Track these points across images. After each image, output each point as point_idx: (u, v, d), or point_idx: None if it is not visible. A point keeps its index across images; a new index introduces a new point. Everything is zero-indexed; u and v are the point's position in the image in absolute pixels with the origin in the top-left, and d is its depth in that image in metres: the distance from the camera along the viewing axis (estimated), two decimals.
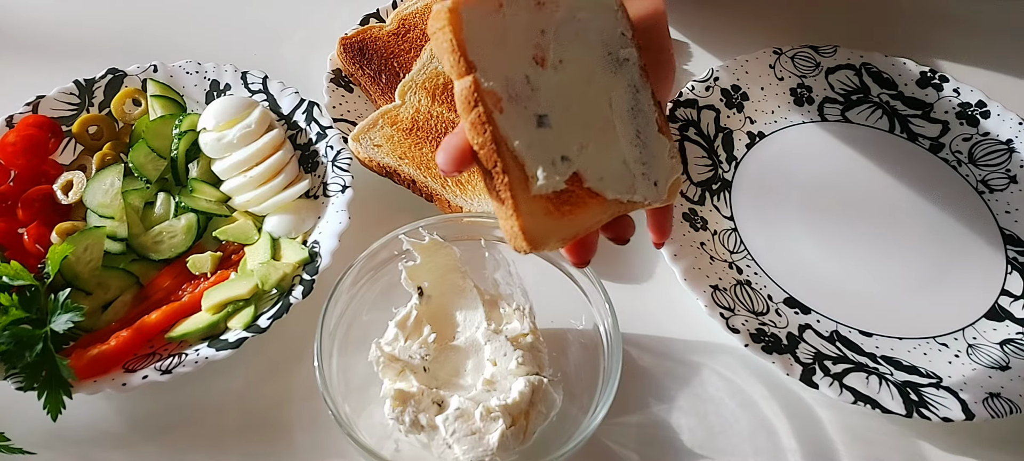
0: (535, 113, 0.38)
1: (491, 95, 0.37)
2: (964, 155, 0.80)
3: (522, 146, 0.37)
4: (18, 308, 0.56)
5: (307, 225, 0.67)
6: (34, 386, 0.54)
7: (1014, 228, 0.74)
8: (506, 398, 0.54)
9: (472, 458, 0.52)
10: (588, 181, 0.39)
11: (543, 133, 0.38)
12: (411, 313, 0.59)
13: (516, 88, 0.38)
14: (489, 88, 0.36)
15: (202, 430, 0.59)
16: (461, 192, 0.71)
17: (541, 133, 0.38)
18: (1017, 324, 0.66)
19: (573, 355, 0.60)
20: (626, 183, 0.40)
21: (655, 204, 0.42)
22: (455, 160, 0.39)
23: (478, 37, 0.37)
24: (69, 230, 0.64)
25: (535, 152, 0.38)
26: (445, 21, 0.36)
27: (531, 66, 0.38)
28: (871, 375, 0.60)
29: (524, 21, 0.38)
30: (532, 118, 0.38)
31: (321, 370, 0.52)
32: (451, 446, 0.52)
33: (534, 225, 0.37)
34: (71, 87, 0.74)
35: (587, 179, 0.39)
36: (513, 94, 0.37)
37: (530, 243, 0.37)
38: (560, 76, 0.39)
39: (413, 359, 0.56)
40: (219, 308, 0.61)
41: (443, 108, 0.76)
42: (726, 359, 0.65)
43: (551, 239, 0.38)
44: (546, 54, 0.39)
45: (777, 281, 0.69)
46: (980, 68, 0.91)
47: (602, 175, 0.40)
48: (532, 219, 0.36)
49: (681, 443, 0.60)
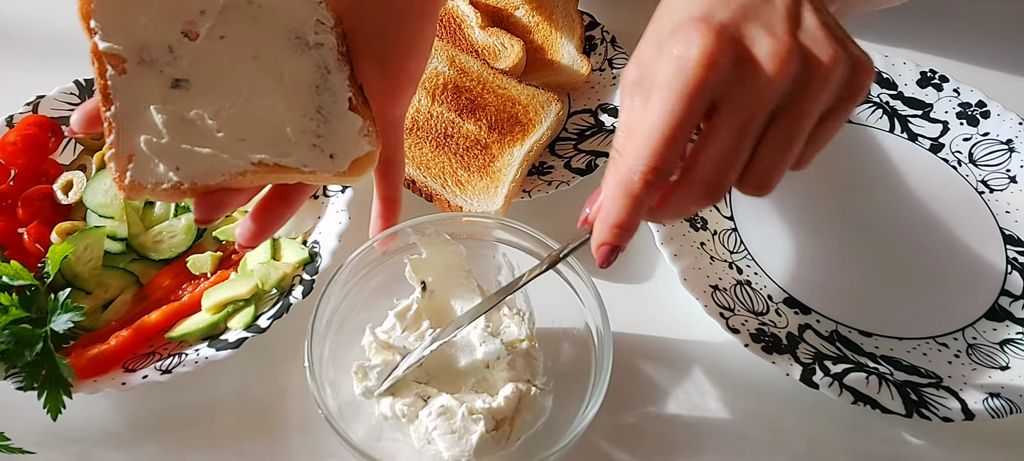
0: (173, 77, 0.43)
1: (114, 58, 0.42)
2: (964, 155, 0.80)
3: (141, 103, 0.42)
4: (18, 308, 0.56)
5: (307, 225, 0.67)
6: (34, 386, 0.54)
7: (1014, 228, 0.74)
8: (492, 401, 0.54)
9: (452, 456, 0.52)
10: (226, 139, 0.43)
11: (177, 94, 0.43)
12: (412, 306, 0.59)
13: (152, 54, 0.43)
14: (112, 51, 0.42)
15: (202, 430, 0.59)
16: (461, 192, 0.71)
17: (175, 93, 0.43)
18: (1017, 324, 0.66)
19: (564, 354, 0.60)
20: (280, 148, 0.44)
21: (328, 174, 0.45)
22: (84, 120, 0.44)
23: (109, 8, 0.43)
24: (69, 230, 0.64)
25: (166, 109, 0.43)
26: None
27: (177, 38, 0.44)
28: (871, 375, 0.60)
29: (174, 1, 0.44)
30: (167, 80, 0.43)
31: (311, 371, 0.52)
32: (432, 441, 0.53)
33: (140, 172, 0.41)
34: (71, 87, 0.74)
35: (226, 137, 0.43)
36: (147, 59, 0.43)
37: (130, 189, 0.41)
38: (215, 48, 0.44)
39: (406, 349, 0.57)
40: (219, 308, 0.61)
41: (443, 108, 0.76)
42: (725, 360, 0.65)
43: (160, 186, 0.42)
44: (199, 30, 0.44)
45: (777, 281, 0.69)
46: (980, 68, 0.91)
47: (244, 136, 0.43)
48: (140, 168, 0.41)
49: (678, 445, 0.60)
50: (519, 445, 0.54)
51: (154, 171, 0.41)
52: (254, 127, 0.44)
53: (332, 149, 0.45)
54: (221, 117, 0.43)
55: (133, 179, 0.41)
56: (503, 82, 0.78)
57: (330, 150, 0.45)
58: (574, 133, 0.79)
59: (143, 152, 0.41)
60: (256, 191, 0.47)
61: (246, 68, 0.45)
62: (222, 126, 0.43)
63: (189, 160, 0.42)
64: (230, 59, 0.45)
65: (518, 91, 0.77)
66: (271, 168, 0.43)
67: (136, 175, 0.41)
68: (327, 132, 0.45)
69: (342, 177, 0.45)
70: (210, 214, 0.44)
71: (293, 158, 0.44)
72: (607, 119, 0.79)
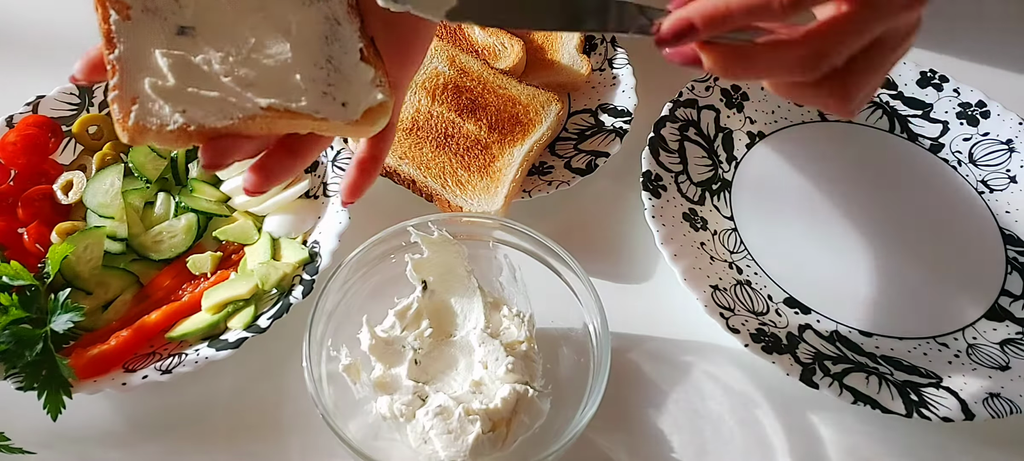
0: (178, 24, 0.43)
1: (118, 4, 0.42)
2: (964, 155, 0.80)
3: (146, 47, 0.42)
4: (18, 308, 0.56)
5: (307, 225, 0.67)
6: (34, 386, 0.54)
7: (1014, 228, 0.74)
8: (489, 403, 0.54)
9: (448, 456, 0.52)
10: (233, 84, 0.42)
11: (182, 40, 0.43)
12: (412, 305, 0.59)
13: (157, 2, 0.43)
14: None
15: (202, 430, 0.59)
16: (461, 192, 0.71)
17: (180, 40, 0.43)
18: (1017, 324, 0.66)
19: (562, 357, 0.60)
20: (289, 95, 0.43)
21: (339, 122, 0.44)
22: (87, 67, 0.43)
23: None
24: (69, 230, 0.64)
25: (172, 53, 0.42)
26: None
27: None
28: (871, 375, 0.60)
29: None
30: (173, 27, 0.43)
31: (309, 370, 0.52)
32: (429, 441, 0.53)
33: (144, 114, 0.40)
34: (71, 87, 0.74)
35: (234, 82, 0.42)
36: (151, 7, 0.43)
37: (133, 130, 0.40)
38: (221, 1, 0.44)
39: (404, 348, 0.57)
40: (219, 308, 0.61)
41: (443, 108, 0.76)
42: (725, 361, 0.65)
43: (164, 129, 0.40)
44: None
45: (777, 281, 0.69)
46: (980, 68, 0.91)
47: (252, 82, 0.43)
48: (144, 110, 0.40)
49: (678, 445, 0.60)
50: (516, 447, 0.54)
51: (159, 113, 0.40)
52: (262, 73, 0.43)
53: (344, 97, 0.44)
54: (228, 63, 0.43)
55: (137, 120, 0.40)
56: (503, 82, 0.78)
57: (342, 98, 0.44)
58: (574, 133, 0.79)
59: (147, 94, 0.40)
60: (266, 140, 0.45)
61: (253, 18, 0.45)
62: (229, 71, 0.43)
63: (195, 103, 0.41)
64: (236, 9, 0.44)
65: (518, 91, 0.78)
66: (281, 114, 0.42)
67: (140, 116, 0.40)
68: (338, 80, 0.45)
69: (355, 127, 0.44)
70: (217, 159, 0.42)
71: (303, 105, 0.43)
72: (607, 119, 0.79)
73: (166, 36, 0.42)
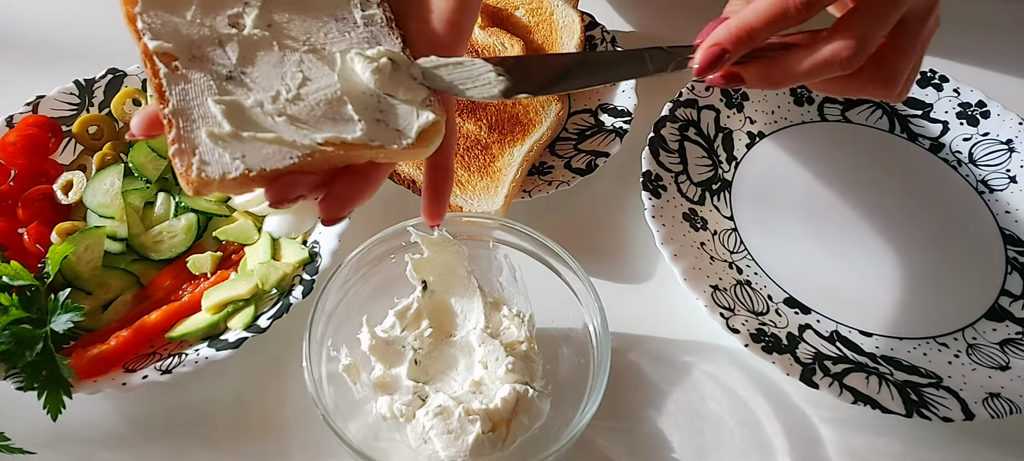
0: (226, 69, 0.43)
1: (165, 56, 0.42)
2: (964, 155, 0.80)
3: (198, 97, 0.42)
4: (18, 308, 0.56)
5: (307, 225, 0.67)
6: (34, 386, 0.54)
7: (1014, 228, 0.74)
8: (489, 403, 0.54)
9: (448, 456, 0.52)
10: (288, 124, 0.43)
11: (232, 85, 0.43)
12: (412, 305, 0.59)
13: (202, 49, 0.43)
14: (162, 49, 0.42)
15: (202, 430, 0.59)
16: (461, 192, 0.71)
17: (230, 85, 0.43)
18: (1017, 324, 0.66)
19: (562, 357, 0.60)
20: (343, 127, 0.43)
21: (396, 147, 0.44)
22: (145, 123, 0.43)
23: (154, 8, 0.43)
24: (69, 230, 0.64)
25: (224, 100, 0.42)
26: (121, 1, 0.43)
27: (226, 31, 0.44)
28: (871, 375, 0.60)
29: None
30: (221, 72, 0.43)
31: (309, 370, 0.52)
32: (429, 440, 0.53)
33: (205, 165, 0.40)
34: (71, 87, 0.74)
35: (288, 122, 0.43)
36: (197, 54, 0.43)
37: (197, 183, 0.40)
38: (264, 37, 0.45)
39: (404, 348, 0.57)
40: (219, 308, 0.61)
41: None
42: (725, 361, 0.65)
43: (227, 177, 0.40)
44: (245, 21, 0.45)
45: (777, 281, 0.69)
46: (980, 68, 0.91)
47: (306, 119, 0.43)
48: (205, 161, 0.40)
49: (677, 445, 0.60)
50: (516, 447, 0.54)
51: (219, 162, 0.40)
52: (314, 109, 0.43)
53: (397, 122, 0.44)
54: (280, 103, 0.43)
55: (199, 173, 0.39)
56: None
57: (395, 124, 0.44)
58: (574, 133, 0.79)
59: (206, 145, 0.40)
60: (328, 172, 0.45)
61: (298, 54, 0.45)
62: (281, 111, 0.43)
63: (253, 148, 0.41)
64: (280, 46, 0.45)
65: None
66: (338, 146, 0.42)
67: (202, 168, 0.40)
68: (388, 106, 0.45)
69: (411, 150, 0.44)
70: (282, 196, 0.42)
71: (359, 135, 0.43)
72: (607, 119, 0.79)
73: (216, 83, 0.43)
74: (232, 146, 0.41)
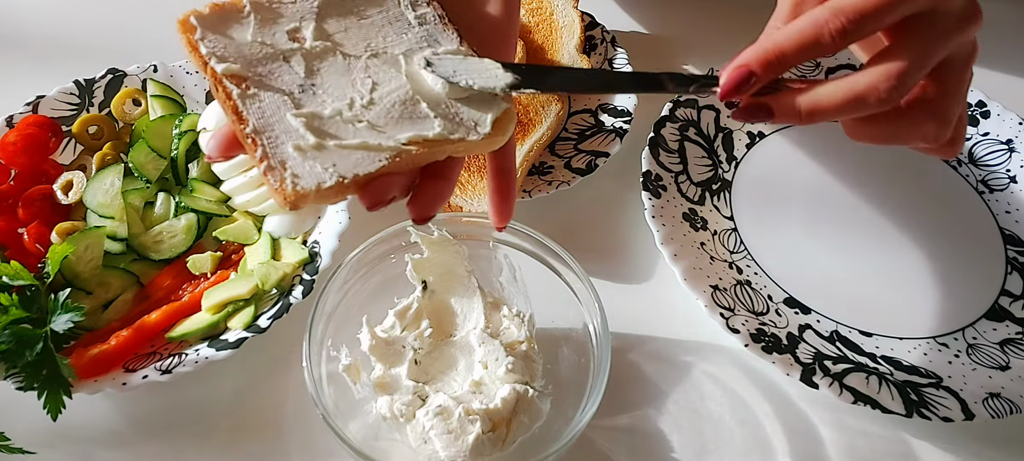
0: (296, 83, 0.43)
1: (234, 78, 0.42)
2: (964, 155, 0.80)
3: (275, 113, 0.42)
4: (18, 308, 0.56)
5: (307, 225, 0.67)
6: (34, 386, 0.54)
7: (1014, 228, 0.74)
8: (489, 403, 0.54)
9: (448, 456, 0.52)
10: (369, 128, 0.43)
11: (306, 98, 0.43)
12: (412, 305, 0.59)
13: (269, 66, 0.43)
14: (230, 71, 0.42)
15: (202, 430, 0.59)
16: (461, 192, 0.71)
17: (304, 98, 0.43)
18: (1017, 324, 0.66)
19: (562, 357, 0.60)
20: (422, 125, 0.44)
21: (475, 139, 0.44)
22: (223, 145, 0.43)
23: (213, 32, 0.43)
24: (69, 230, 0.64)
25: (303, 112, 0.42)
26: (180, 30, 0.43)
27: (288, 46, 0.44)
28: (871, 375, 0.60)
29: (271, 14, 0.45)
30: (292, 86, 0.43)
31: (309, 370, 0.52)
32: (429, 440, 0.53)
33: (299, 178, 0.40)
34: (71, 87, 0.74)
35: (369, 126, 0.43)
36: (264, 71, 0.43)
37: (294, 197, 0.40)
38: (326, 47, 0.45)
39: (404, 348, 0.57)
40: (219, 308, 0.61)
41: None
42: (725, 361, 0.65)
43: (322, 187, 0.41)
44: (304, 34, 0.45)
45: (777, 281, 0.69)
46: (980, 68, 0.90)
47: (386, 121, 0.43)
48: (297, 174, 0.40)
49: (677, 445, 0.60)
50: (516, 447, 0.54)
51: (311, 173, 0.40)
52: (391, 111, 0.44)
53: (469, 116, 0.45)
54: (356, 109, 0.43)
55: (294, 186, 0.39)
56: None
57: (468, 117, 0.45)
58: (574, 133, 0.79)
59: (294, 158, 0.40)
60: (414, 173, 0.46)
61: (362, 60, 0.45)
62: (360, 117, 0.43)
63: (341, 154, 0.41)
64: (344, 55, 0.45)
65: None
66: (421, 145, 0.43)
67: (296, 182, 0.40)
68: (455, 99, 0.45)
69: (488, 140, 0.45)
70: (378, 199, 0.42)
71: (438, 131, 0.43)
72: (607, 119, 0.79)
73: (290, 98, 0.43)
74: (321, 157, 0.41)
